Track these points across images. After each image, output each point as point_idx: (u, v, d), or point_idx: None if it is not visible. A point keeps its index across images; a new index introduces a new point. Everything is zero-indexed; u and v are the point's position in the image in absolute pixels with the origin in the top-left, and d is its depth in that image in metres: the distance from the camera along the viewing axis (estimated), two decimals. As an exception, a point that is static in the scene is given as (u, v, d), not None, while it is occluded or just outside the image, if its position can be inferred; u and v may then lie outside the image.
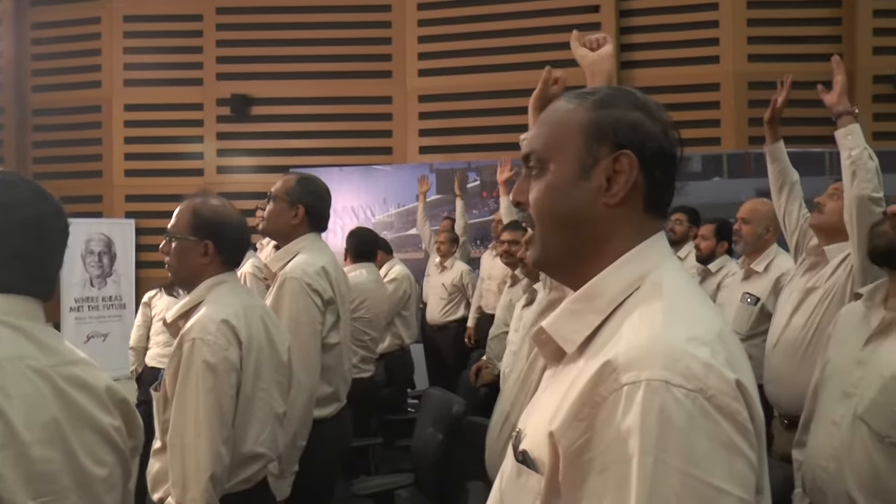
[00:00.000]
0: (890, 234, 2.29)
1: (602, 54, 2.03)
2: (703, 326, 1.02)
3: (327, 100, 8.71)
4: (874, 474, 2.13)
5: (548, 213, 1.15)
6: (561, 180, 1.14)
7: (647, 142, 1.12)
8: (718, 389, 0.95)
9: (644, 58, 8.31)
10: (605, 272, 1.11)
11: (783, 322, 3.37)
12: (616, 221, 1.12)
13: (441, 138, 8.56)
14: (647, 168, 1.11)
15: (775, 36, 7.94)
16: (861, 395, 2.20)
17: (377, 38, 8.75)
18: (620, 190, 1.11)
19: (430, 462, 3.62)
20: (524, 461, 1.07)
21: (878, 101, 7.90)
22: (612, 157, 1.11)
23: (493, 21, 8.46)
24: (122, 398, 1.55)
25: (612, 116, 1.13)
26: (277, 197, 3.12)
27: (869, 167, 2.84)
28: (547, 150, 1.16)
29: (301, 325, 2.94)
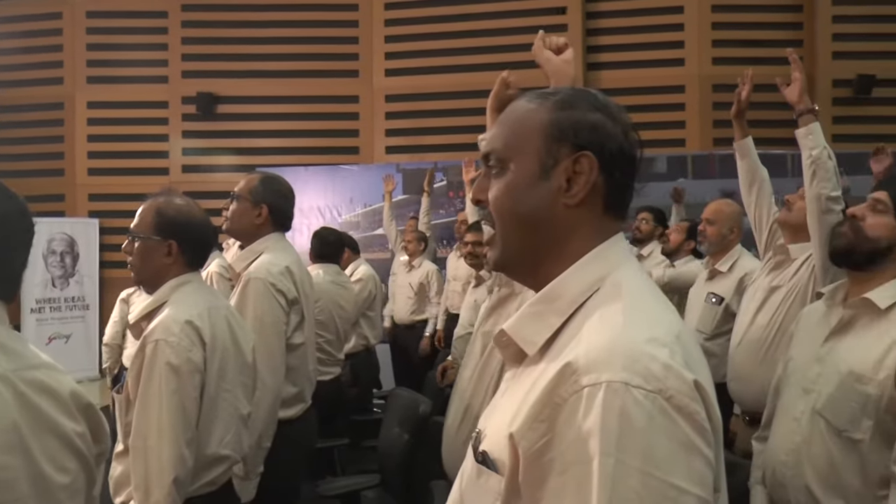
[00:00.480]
0: (849, 235, 2.31)
1: (566, 59, 2.04)
2: (662, 327, 1.03)
3: (294, 99, 8.67)
4: (832, 468, 2.15)
5: (507, 212, 1.15)
6: (521, 180, 1.14)
7: (608, 143, 1.12)
8: (677, 390, 0.96)
9: (610, 59, 8.38)
10: (566, 274, 1.11)
11: (747, 320, 3.41)
12: (576, 222, 1.13)
13: (408, 138, 8.55)
14: (607, 169, 1.12)
15: (739, 39, 8.04)
16: (819, 391, 2.23)
17: (344, 38, 8.73)
18: (580, 191, 1.11)
19: (397, 462, 3.61)
20: (484, 462, 1.08)
21: (837, 104, 8.04)
22: (573, 158, 1.11)
23: (460, 21, 8.48)
24: (87, 403, 1.53)
25: (573, 117, 1.13)
26: (240, 196, 3.10)
27: (828, 167, 2.88)
28: (507, 149, 1.16)
29: (265, 326, 2.92)
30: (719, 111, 7.87)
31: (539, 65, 2.13)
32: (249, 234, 3.13)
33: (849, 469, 2.13)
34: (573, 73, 1.99)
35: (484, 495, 1.07)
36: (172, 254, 2.39)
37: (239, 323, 2.54)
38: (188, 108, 8.74)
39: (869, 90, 7.98)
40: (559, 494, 0.96)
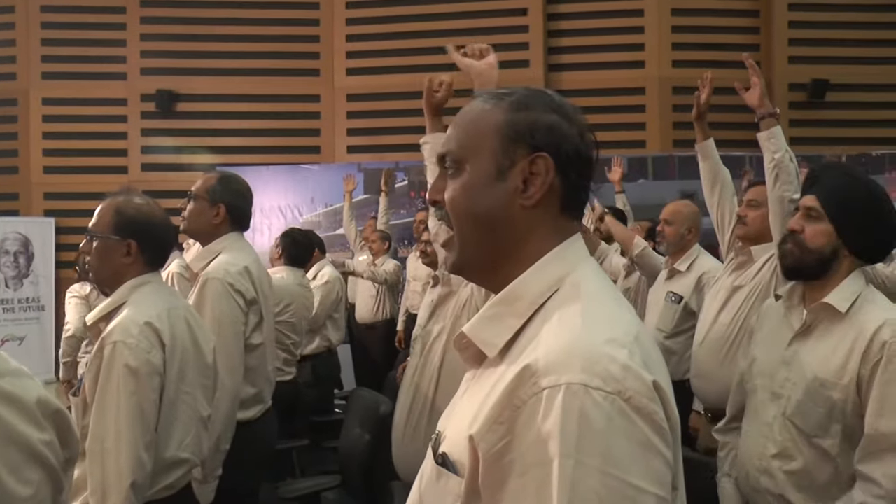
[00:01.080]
0: (795, 253, 2.31)
1: (490, 63, 2.05)
2: (620, 328, 1.04)
3: (255, 97, 8.60)
4: (807, 474, 2.18)
5: (463, 213, 1.15)
6: (477, 181, 1.14)
7: (564, 144, 1.13)
8: (636, 391, 0.97)
9: (571, 61, 8.43)
10: (525, 275, 1.12)
11: (710, 319, 3.45)
12: (533, 223, 1.13)
13: (369, 138, 8.53)
14: (563, 170, 1.12)
15: (698, 43, 8.14)
16: (788, 396, 2.25)
17: (305, 36, 8.68)
18: (537, 192, 1.12)
19: (357, 463, 3.60)
20: (444, 464, 1.08)
21: (793, 107, 8.17)
22: (529, 159, 1.11)
23: (422, 21, 8.47)
24: (55, 409, 1.49)
25: (529, 119, 1.13)
26: (198, 196, 3.07)
27: (790, 169, 2.92)
28: (463, 150, 1.16)
29: (223, 326, 2.89)
30: (679, 113, 7.96)
31: (465, 71, 2.15)
32: (207, 233, 3.10)
33: (823, 474, 2.15)
34: (496, 77, 2.01)
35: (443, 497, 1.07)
36: (132, 254, 2.36)
37: (199, 324, 2.51)
38: (147, 105, 8.63)
39: (823, 94, 8.14)
40: (519, 496, 0.96)
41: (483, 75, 2.03)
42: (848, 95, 8.17)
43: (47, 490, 1.47)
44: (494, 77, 2.03)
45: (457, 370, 1.52)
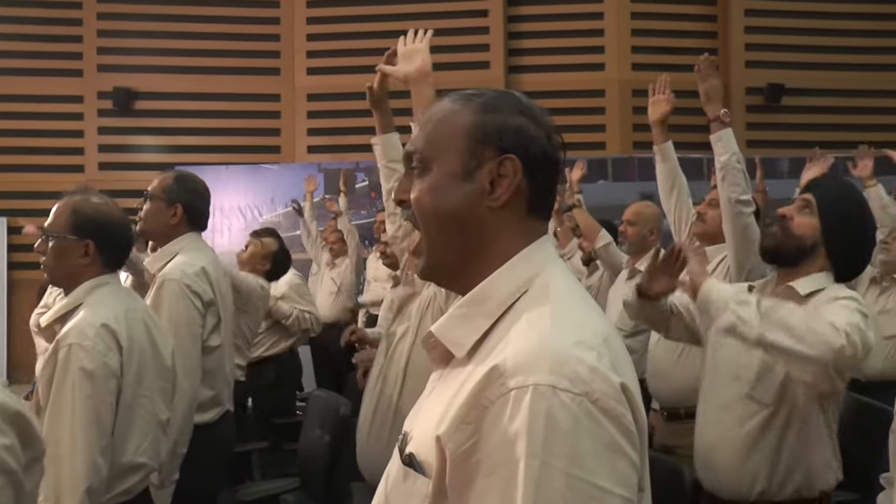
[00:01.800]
0: (778, 235, 2.42)
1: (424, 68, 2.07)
2: (589, 330, 1.04)
3: (214, 96, 8.52)
4: (764, 449, 2.29)
5: (430, 213, 1.14)
6: (443, 181, 1.13)
7: (531, 147, 1.13)
8: (604, 393, 0.97)
9: (531, 63, 8.48)
10: (494, 276, 1.11)
11: None
12: (500, 224, 1.13)
13: (329, 138, 8.50)
14: (531, 172, 1.12)
15: (657, 46, 8.23)
16: (747, 376, 2.35)
17: (265, 35, 8.63)
18: (504, 193, 1.11)
19: (317, 465, 3.59)
20: (411, 464, 1.07)
21: (750, 111, 8.31)
22: (497, 161, 1.11)
23: (383, 21, 8.45)
24: (16, 411, 1.47)
25: (498, 120, 1.13)
26: (154, 196, 3.03)
27: (737, 171, 2.97)
28: (430, 150, 1.16)
29: (180, 328, 2.85)
30: (638, 115, 8.03)
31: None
32: (164, 234, 3.06)
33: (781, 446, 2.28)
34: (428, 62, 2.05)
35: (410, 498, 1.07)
36: (89, 254, 2.32)
37: (157, 326, 2.48)
38: (104, 103, 8.50)
39: (779, 98, 8.29)
40: (485, 496, 0.97)
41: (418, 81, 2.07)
42: (803, 100, 8.33)
43: (9, 494, 1.45)
44: (430, 80, 2.07)
45: (423, 371, 1.52)
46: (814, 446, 2.32)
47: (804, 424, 2.29)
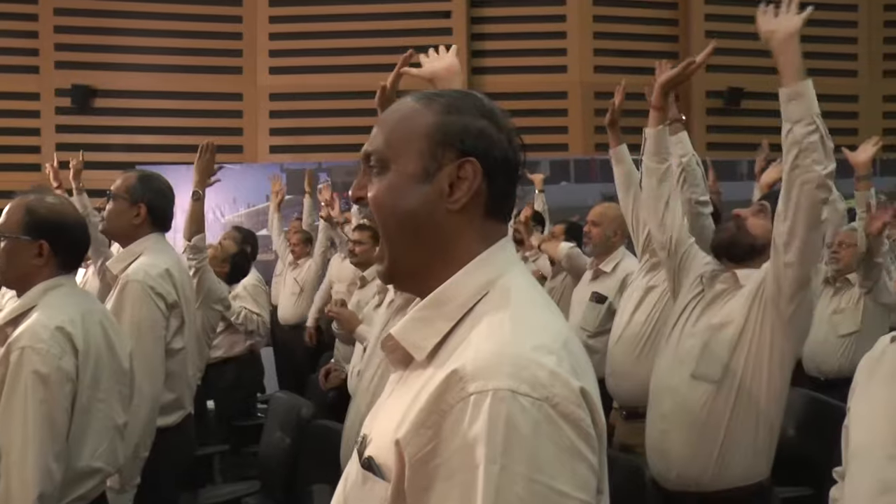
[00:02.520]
0: (732, 230, 2.57)
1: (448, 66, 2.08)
2: (549, 334, 1.05)
3: (176, 94, 8.42)
4: (705, 428, 2.42)
5: (387, 213, 1.14)
6: (402, 182, 1.13)
7: (492, 150, 1.12)
8: (563, 397, 0.98)
9: (494, 64, 8.51)
10: (454, 278, 1.11)
11: (625, 319, 3.57)
12: (459, 227, 1.12)
13: (292, 138, 8.45)
14: (491, 175, 1.12)
15: (619, 49, 8.30)
16: (689, 358, 2.50)
17: (228, 33, 8.56)
18: (463, 196, 1.11)
19: (278, 468, 3.57)
20: (370, 467, 1.07)
21: (710, 114, 8.42)
22: (457, 163, 1.11)
23: (346, 21, 8.43)
24: None
25: (460, 123, 1.12)
26: (117, 196, 2.99)
27: (696, 173, 3.04)
28: (389, 149, 1.15)
29: (143, 331, 2.82)
30: (600, 117, 8.03)
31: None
32: (127, 234, 3.02)
33: (729, 426, 2.41)
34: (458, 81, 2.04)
35: (369, 501, 1.06)
36: (44, 255, 2.28)
37: (115, 328, 2.44)
38: (62, 100, 8.36)
39: (738, 102, 8.42)
40: (444, 501, 0.97)
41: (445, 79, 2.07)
42: (762, 104, 8.44)
43: None
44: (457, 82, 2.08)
45: None
46: (759, 428, 2.44)
47: (749, 402, 2.41)
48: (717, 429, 2.42)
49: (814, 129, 2.14)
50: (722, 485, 2.44)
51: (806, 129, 2.13)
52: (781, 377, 2.46)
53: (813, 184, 2.17)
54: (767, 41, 2.26)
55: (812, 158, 2.15)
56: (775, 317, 2.38)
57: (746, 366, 2.42)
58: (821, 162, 2.16)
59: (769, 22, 2.28)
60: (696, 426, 2.44)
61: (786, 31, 2.21)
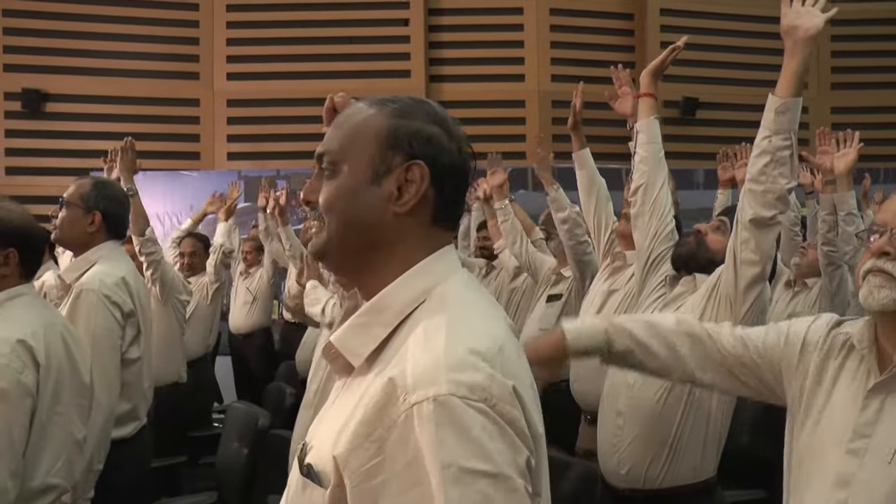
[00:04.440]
0: (692, 245, 2.65)
1: None
2: (485, 339, 1.06)
3: (131, 99, 8.29)
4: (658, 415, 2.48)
5: (337, 215, 1.15)
6: (352, 184, 1.14)
7: (441, 156, 1.14)
8: (500, 398, 1.00)
9: (452, 73, 8.54)
10: (393, 285, 1.13)
11: None
12: (404, 230, 1.14)
13: (250, 144, 8.38)
14: (439, 181, 1.14)
15: (576, 59, 8.38)
16: None
17: (184, 38, 8.45)
18: (410, 199, 1.12)
19: (235, 479, 3.53)
20: (309, 475, 1.08)
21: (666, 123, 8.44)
22: (405, 166, 1.12)
23: (305, 28, 8.40)
24: None
25: (410, 127, 1.14)
26: (71, 203, 2.94)
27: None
28: (341, 152, 1.16)
29: (99, 340, 2.78)
30: (558, 126, 8.15)
31: None
32: (82, 242, 2.97)
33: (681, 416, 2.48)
34: None
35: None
36: (10, 264, 2.23)
37: (76, 341, 2.39)
38: (12, 104, 8.18)
39: (693, 111, 8.57)
40: None
41: None
42: (716, 113, 8.61)
43: None
44: None
45: None
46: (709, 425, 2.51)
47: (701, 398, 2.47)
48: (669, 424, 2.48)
49: (789, 144, 2.17)
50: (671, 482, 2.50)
51: (783, 143, 2.16)
52: None
53: (774, 194, 2.22)
54: (786, 36, 2.13)
55: (780, 171, 2.19)
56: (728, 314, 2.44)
57: None
58: (786, 176, 2.20)
59: (793, 16, 2.12)
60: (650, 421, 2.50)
61: (807, 30, 2.09)
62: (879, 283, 1.63)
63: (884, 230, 1.69)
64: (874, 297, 1.63)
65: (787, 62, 2.14)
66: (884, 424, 1.64)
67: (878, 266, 1.65)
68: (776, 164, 2.18)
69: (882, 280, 1.63)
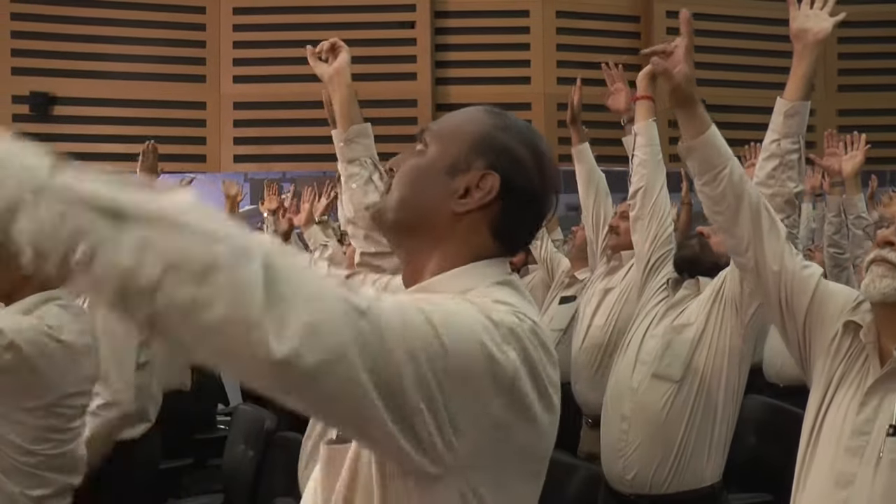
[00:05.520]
0: (696, 248, 2.67)
1: (338, 66, 2.04)
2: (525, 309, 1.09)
3: (137, 102, 8.31)
4: (665, 419, 2.50)
5: (403, 186, 1.18)
6: (430, 165, 1.18)
7: (519, 178, 1.16)
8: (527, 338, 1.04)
9: (458, 75, 8.55)
10: (442, 276, 1.14)
11: (586, 324, 3.58)
12: (454, 229, 1.16)
13: (256, 147, 8.40)
14: (507, 200, 1.16)
15: (583, 61, 8.37)
16: (653, 359, 2.57)
17: (191, 41, 8.48)
18: (471, 203, 1.14)
19: (242, 481, 3.54)
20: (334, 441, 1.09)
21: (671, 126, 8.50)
22: (481, 173, 1.15)
23: (310, 30, 8.38)
24: None
25: (504, 141, 1.18)
26: None
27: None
28: (437, 134, 1.20)
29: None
30: (564, 129, 8.12)
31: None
32: None
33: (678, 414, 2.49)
34: (348, 81, 2.02)
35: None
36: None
37: None
38: (20, 108, 8.22)
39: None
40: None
41: (333, 80, 2.03)
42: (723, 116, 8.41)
43: None
44: (346, 80, 2.02)
45: None
46: (715, 429, 2.52)
47: (707, 403, 2.49)
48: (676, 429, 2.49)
49: (797, 147, 2.16)
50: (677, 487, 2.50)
51: (792, 146, 2.15)
52: (738, 379, 2.54)
53: (783, 198, 2.20)
54: (795, 40, 2.13)
55: (788, 175, 2.17)
56: (734, 318, 2.45)
57: (706, 366, 2.50)
58: (794, 180, 2.19)
59: (802, 20, 2.12)
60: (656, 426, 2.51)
61: (816, 34, 2.10)
62: (882, 273, 1.64)
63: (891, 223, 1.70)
64: (875, 285, 1.64)
65: (795, 66, 2.14)
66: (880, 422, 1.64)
67: (881, 255, 1.66)
68: (785, 168, 2.17)
69: (885, 270, 1.64)
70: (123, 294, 0.78)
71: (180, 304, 0.77)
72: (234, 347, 0.80)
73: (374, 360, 0.86)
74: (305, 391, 0.85)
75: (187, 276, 0.78)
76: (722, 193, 1.89)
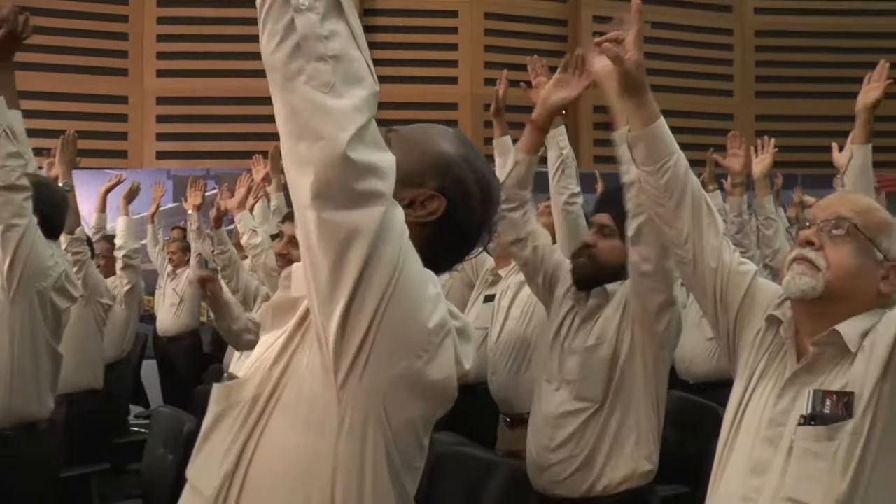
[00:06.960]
0: (588, 266, 2.58)
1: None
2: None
3: (56, 95, 8.06)
4: (590, 436, 2.50)
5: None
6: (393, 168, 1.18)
7: (462, 214, 1.21)
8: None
9: (386, 74, 8.51)
10: None
11: (502, 316, 3.60)
12: None
13: (180, 143, 8.25)
14: (444, 228, 1.20)
15: (510, 63, 8.44)
16: (573, 380, 2.54)
17: (113, 33, 8.27)
18: (410, 217, 1.16)
19: (161, 486, 3.45)
20: None
21: (597, 128, 8.64)
22: (430, 193, 1.19)
23: (238, 25, 8.29)
24: None
25: (463, 174, 1.21)
26: None
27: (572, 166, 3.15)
28: (405, 142, 1.23)
29: None
30: (490, 129, 8.18)
31: None
32: None
33: (615, 433, 2.49)
34: None
35: None
36: None
37: None
38: (-70, 98, 7.91)
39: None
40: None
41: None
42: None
43: None
44: None
45: None
46: (640, 437, 2.52)
47: (630, 414, 2.49)
48: (601, 442, 2.48)
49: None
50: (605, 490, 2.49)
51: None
52: (658, 385, 2.54)
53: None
54: None
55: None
56: (645, 333, 2.47)
57: (624, 381, 2.49)
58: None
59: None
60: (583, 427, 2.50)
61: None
62: (801, 271, 1.70)
63: (812, 223, 1.75)
64: (795, 283, 1.69)
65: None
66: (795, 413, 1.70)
67: (802, 254, 1.72)
68: None
69: (805, 268, 1.70)
70: None
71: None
72: None
73: None
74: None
75: None
76: (666, 184, 1.90)
